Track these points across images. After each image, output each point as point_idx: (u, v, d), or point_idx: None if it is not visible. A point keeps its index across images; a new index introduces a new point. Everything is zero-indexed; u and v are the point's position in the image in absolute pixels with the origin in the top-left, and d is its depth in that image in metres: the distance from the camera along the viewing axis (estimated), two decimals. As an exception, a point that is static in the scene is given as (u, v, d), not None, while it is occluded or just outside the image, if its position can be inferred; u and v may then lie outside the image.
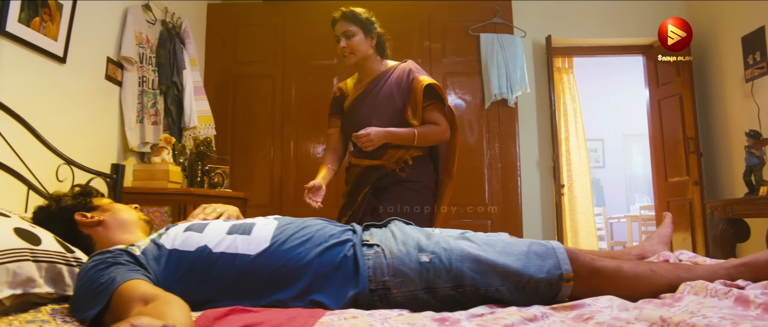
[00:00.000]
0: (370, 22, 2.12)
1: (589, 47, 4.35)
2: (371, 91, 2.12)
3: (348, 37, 2.07)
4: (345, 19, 2.09)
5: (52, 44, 2.16)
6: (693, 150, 3.87)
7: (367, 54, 2.11)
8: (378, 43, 2.15)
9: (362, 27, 2.09)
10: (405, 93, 2.08)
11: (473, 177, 3.70)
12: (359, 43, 2.08)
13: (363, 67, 2.15)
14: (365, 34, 2.10)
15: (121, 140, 2.69)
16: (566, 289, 1.19)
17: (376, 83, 2.12)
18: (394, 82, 2.10)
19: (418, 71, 2.13)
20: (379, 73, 2.15)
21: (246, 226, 1.31)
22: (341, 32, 2.08)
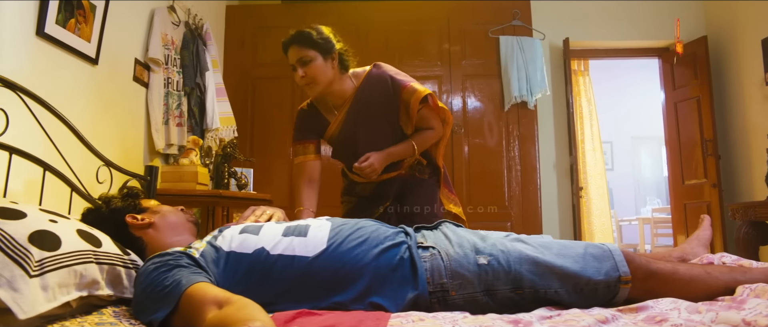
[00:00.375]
0: (328, 41, 1.80)
1: (606, 50, 4.35)
2: (358, 115, 1.89)
3: (304, 64, 1.77)
4: (298, 43, 1.78)
5: (85, 46, 2.16)
6: (711, 153, 3.87)
7: (331, 79, 1.83)
8: (340, 61, 1.85)
9: (320, 50, 1.77)
10: (393, 104, 1.87)
11: (493, 178, 3.71)
12: (319, 69, 1.78)
13: (331, 93, 1.87)
14: (324, 56, 1.79)
15: (147, 142, 2.69)
16: (624, 291, 1.18)
17: (357, 104, 1.88)
18: (377, 96, 1.88)
19: (397, 74, 1.90)
20: (352, 91, 1.89)
21: (301, 228, 1.30)
22: (296, 60, 1.78)
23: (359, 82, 1.89)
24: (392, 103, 1.86)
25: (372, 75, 1.90)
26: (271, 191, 3.51)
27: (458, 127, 3.77)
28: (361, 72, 1.92)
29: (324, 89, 1.83)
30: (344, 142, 1.94)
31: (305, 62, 1.76)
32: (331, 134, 1.95)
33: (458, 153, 3.76)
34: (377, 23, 3.91)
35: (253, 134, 3.79)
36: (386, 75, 1.89)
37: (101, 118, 2.28)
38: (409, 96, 1.83)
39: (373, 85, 1.88)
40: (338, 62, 1.83)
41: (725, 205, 3.77)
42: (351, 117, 1.89)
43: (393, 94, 1.86)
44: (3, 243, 0.97)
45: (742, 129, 3.84)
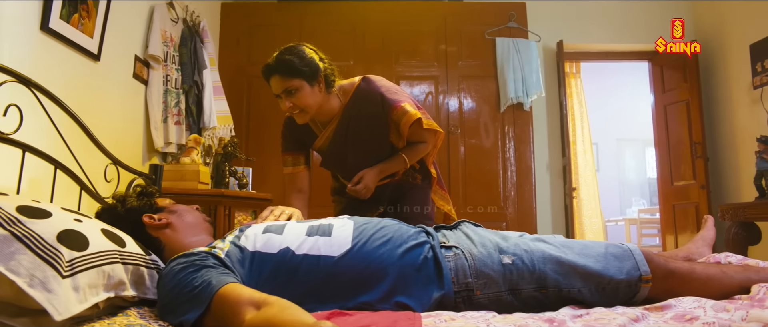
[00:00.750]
0: (312, 65, 1.67)
1: (598, 52, 4.42)
2: (346, 131, 1.82)
3: (290, 95, 1.65)
4: (280, 73, 1.64)
5: (88, 41, 2.12)
6: (700, 154, 3.95)
7: (320, 103, 1.72)
8: (326, 82, 1.73)
9: (305, 77, 1.65)
10: (383, 121, 1.80)
11: (489, 179, 3.73)
12: (306, 97, 1.66)
13: (319, 112, 1.77)
14: (311, 82, 1.66)
15: (146, 140, 2.65)
16: (644, 290, 1.20)
17: (346, 121, 1.81)
18: (366, 112, 1.81)
19: (388, 91, 1.82)
20: (339, 107, 1.81)
21: (324, 228, 1.30)
22: (281, 90, 1.66)
23: (347, 98, 1.81)
24: (382, 120, 1.80)
25: (361, 90, 1.81)
26: (267, 190, 3.47)
27: (454, 127, 3.79)
28: (348, 86, 1.83)
29: (314, 115, 1.75)
30: (334, 156, 1.90)
31: (291, 92, 1.64)
32: (319, 147, 1.89)
33: (454, 153, 3.78)
34: (374, 23, 3.91)
35: (249, 133, 3.76)
36: (376, 92, 1.80)
37: (102, 115, 2.24)
38: (399, 117, 1.77)
39: (361, 102, 1.80)
40: (324, 84, 1.72)
41: (714, 206, 3.86)
42: (340, 133, 1.82)
43: (383, 112, 1.79)
44: (33, 243, 0.95)
45: (730, 132, 3.93)
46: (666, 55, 4.27)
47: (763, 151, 3.28)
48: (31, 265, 0.91)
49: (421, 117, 1.79)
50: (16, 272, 0.89)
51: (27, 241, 0.95)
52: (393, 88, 1.85)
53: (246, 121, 3.78)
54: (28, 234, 0.96)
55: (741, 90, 3.81)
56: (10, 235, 0.94)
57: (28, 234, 0.96)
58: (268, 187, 3.55)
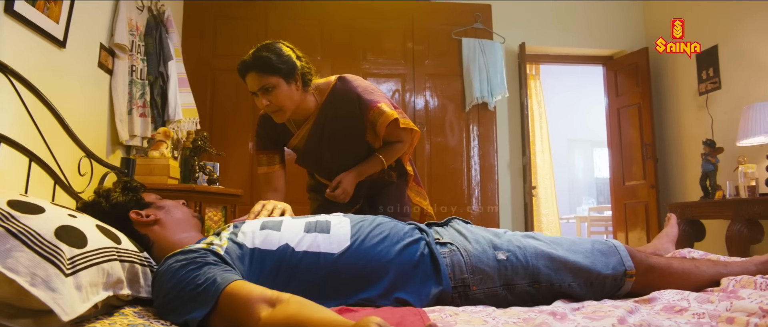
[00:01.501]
0: (289, 63, 1.64)
1: (557, 55, 4.58)
2: (322, 131, 1.81)
3: (267, 93, 1.62)
4: (257, 70, 1.61)
5: (54, 27, 2.01)
6: (650, 156, 4.17)
7: (297, 101, 1.70)
8: (303, 81, 1.71)
9: (282, 74, 1.62)
10: (360, 122, 1.80)
11: (454, 177, 3.80)
12: (284, 95, 1.63)
13: (295, 111, 1.75)
14: (288, 80, 1.64)
15: (110, 132, 2.53)
16: (628, 284, 1.27)
17: (322, 121, 1.80)
18: (342, 112, 1.80)
19: (365, 91, 1.80)
20: (315, 107, 1.79)
21: (322, 224, 1.29)
22: (258, 88, 1.62)
23: (323, 97, 1.79)
24: (357, 120, 1.79)
25: (337, 90, 1.80)
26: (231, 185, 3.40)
27: (421, 125, 3.83)
28: (324, 85, 1.81)
29: (291, 114, 1.71)
30: (309, 155, 1.88)
31: (268, 90, 1.61)
32: (294, 145, 1.88)
33: (420, 151, 3.82)
34: (341, 19, 3.89)
35: (213, 127, 3.66)
36: (353, 92, 1.79)
37: (66, 104, 2.11)
38: (375, 118, 1.77)
39: (337, 101, 1.79)
40: (301, 83, 1.70)
41: (662, 205, 4.09)
42: (315, 133, 1.81)
43: (359, 113, 1.78)
44: (31, 240, 0.89)
45: (678, 135, 4.17)
46: (619, 61, 4.48)
47: (708, 154, 3.51)
48: (30, 263, 0.86)
49: (397, 117, 1.79)
50: (15, 270, 0.84)
51: (24, 237, 0.89)
52: (369, 88, 1.84)
53: (210, 114, 3.68)
54: (24, 230, 0.90)
55: (688, 96, 4.04)
56: (5, 232, 0.88)
57: (25, 230, 0.90)
58: (231, 182, 3.48)
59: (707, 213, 3.46)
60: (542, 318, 1.04)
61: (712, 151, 3.50)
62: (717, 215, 3.41)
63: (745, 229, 3.04)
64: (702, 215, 3.49)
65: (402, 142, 1.90)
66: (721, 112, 3.70)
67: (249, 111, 3.71)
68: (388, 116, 1.76)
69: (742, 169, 3.23)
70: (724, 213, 3.26)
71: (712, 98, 3.78)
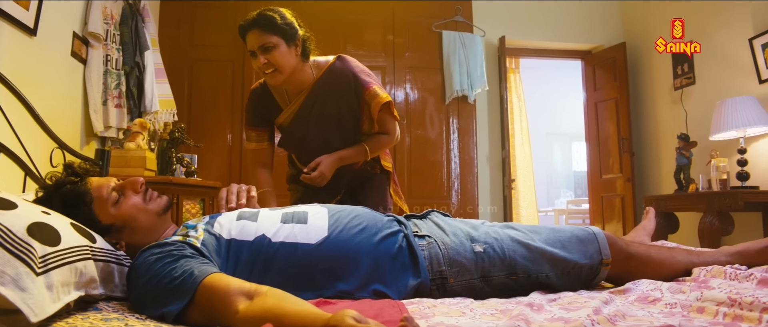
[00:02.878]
0: (291, 26, 1.67)
1: (536, 49, 4.61)
2: (312, 106, 1.80)
3: (267, 51, 1.63)
4: (260, 28, 1.63)
5: (23, 13, 1.95)
6: (626, 149, 4.24)
7: (294, 67, 1.70)
8: (303, 49, 1.73)
9: (284, 35, 1.64)
10: (353, 103, 1.80)
11: (433, 169, 3.81)
12: (283, 56, 1.65)
13: (289, 81, 1.74)
14: (288, 43, 1.66)
15: (84, 123, 2.48)
16: (604, 272, 1.30)
17: (314, 96, 1.79)
18: (337, 90, 1.80)
19: (361, 72, 1.82)
20: (311, 81, 1.78)
21: (299, 215, 1.28)
22: (258, 46, 1.63)
23: (320, 73, 1.78)
24: (351, 100, 1.80)
25: (335, 67, 1.80)
26: (210, 176, 3.37)
27: (401, 118, 3.83)
28: (322, 62, 1.82)
29: (286, 78, 1.71)
30: (294, 133, 1.87)
31: (267, 49, 1.62)
32: (281, 122, 1.86)
33: (400, 144, 3.82)
34: (322, 10, 3.86)
35: (191, 118, 3.60)
36: (350, 71, 1.80)
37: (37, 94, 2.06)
38: (370, 99, 1.78)
39: (334, 79, 1.79)
40: (301, 49, 1.71)
41: (638, 198, 4.17)
42: (305, 108, 1.80)
43: (354, 92, 1.79)
44: (2, 237, 0.86)
45: (654, 129, 4.24)
46: (597, 55, 4.54)
47: (682, 148, 3.58)
48: (0, 261, 0.83)
49: (390, 101, 1.80)
50: None
51: None
52: (366, 71, 1.85)
53: (188, 105, 3.62)
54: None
55: (663, 90, 4.12)
56: None
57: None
58: (211, 174, 3.44)
59: (681, 205, 3.53)
60: (519, 309, 1.06)
61: (687, 145, 3.57)
62: (690, 208, 3.48)
63: (716, 221, 3.12)
64: (676, 208, 3.56)
65: (389, 134, 1.89)
66: (695, 107, 3.77)
67: (227, 102, 3.67)
68: (381, 98, 1.77)
69: (714, 163, 3.31)
70: (697, 205, 3.33)
71: (687, 93, 3.85)
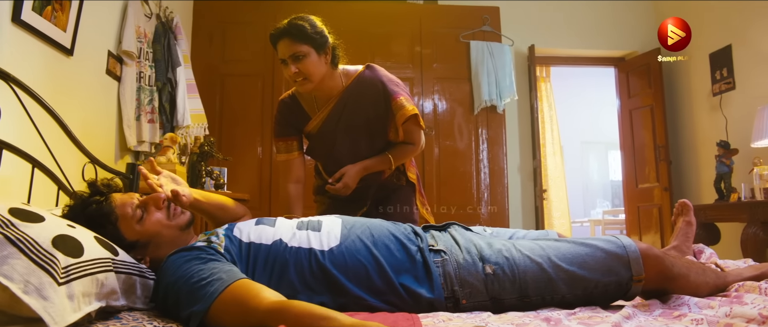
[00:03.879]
0: (322, 35, 1.70)
1: (567, 57, 4.54)
2: (341, 114, 1.81)
3: (298, 60, 1.65)
4: (291, 37, 1.66)
5: (61, 35, 2.04)
6: (663, 158, 4.11)
7: (324, 75, 1.73)
8: (333, 56, 1.75)
9: (314, 44, 1.67)
10: (382, 111, 1.80)
11: (463, 180, 3.78)
12: (313, 65, 1.67)
13: (318, 89, 1.77)
14: (318, 51, 1.69)
15: (119, 138, 2.57)
16: (636, 289, 1.20)
17: (343, 104, 1.80)
18: (365, 98, 1.80)
19: (390, 81, 1.82)
20: (340, 89, 1.80)
21: (313, 223, 1.30)
22: (289, 55, 1.66)
23: (349, 81, 1.80)
24: (380, 108, 1.80)
25: (364, 76, 1.82)
26: (240, 190, 3.43)
27: (429, 129, 3.82)
28: (352, 71, 1.84)
29: (316, 86, 1.73)
30: (322, 141, 1.88)
31: (298, 58, 1.65)
32: (309, 130, 1.88)
33: (429, 155, 3.81)
34: (349, 23, 3.88)
35: (222, 132, 3.69)
36: (378, 79, 1.81)
37: (74, 111, 2.16)
38: (397, 109, 1.77)
39: (362, 87, 1.80)
40: (331, 57, 1.74)
41: (676, 208, 4.02)
42: (334, 116, 1.81)
43: (383, 101, 1.78)
44: (28, 247, 0.90)
45: (692, 136, 4.10)
46: (631, 62, 4.42)
47: (722, 156, 3.44)
48: (25, 271, 0.87)
49: (417, 113, 1.79)
50: (10, 277, 0.85)
51: (21, 245, 0.90)
52: (395, 80, 1.85)
53: (219, 119, 3.71)
54: (22, 237, 0.91)
55: (701, 97, 3.98)
56: (4, 239, 0.89)
57: (23, 237, 0.91)
58: (240, 187, 3.50)
59: (722, 216, 3.39)
60: (536, 324, 1.03)
61: (727, 152, 3.43)
62: (732, 218, 3.33)
63: (760, 232, 2.97)
64: (716, 218, 3.42)
65: (414, 145, 1.89)
66: (736, 113, 3.63)
67: (257, 115, 3.74)
68: (408, 111, 1.76)
69: (757, 171, 3.16)
70: (740, 216, 3.19)
71: (726, 99, 3.71)
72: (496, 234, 1.50)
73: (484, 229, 1.54)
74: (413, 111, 1.78)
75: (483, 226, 1.57)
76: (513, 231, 1.54)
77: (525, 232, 1.53)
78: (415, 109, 1.80)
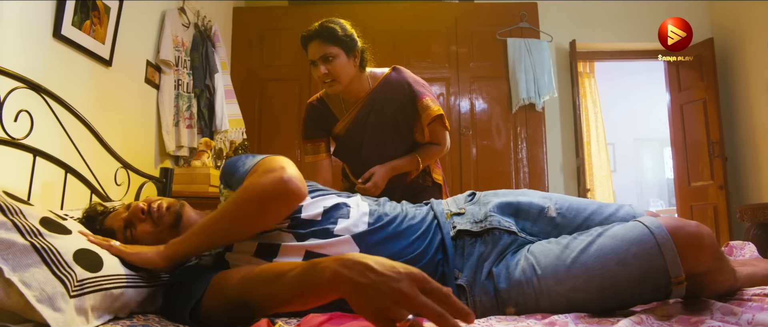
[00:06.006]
0: (352, 38, 1.76)
1: (612, 51, 4.36)
2: (368, 116, 1.84)
3: (327, 62, 1.71)
4: (322, 39, 1.72)
5: (99, 47, 2.16)
6: (718, 154, 3.88)
7: (352, 77, 1.77)
8: (361, 59, 1.80)
9: (344, 46, 1.72)
10: (408, 113, 1.83)
11: (501, 180, 3.70)
12: (343, 67, 1.72)
13: (346, 91, 1.81)
14: (348, 54, 1.74)
15: (158, 144, 2.68)
16: (679, 291, 1.05)
17: (370, 105, 1.83)
18: (392, 100, 1.83)
19: (416, 82, 1.85)
20: (367, 91, 1.84)
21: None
22: (319, 57, 1.71)
23: (376, 83, 1.84)
24: (407, 109, 1.83)
25: (391, 78, 1.85)
26: (279, 193, 3.51)
27: (466, 129, 3.77)
28: (379, 73, 1.88)
29: (345, 88, 1.77)
30: (349, 142, 1.91)
31: (328, 59, 1.70)
32: (337, 132, 1.91)
33: (466, 155, 3.76)
34: (384, 25, 3.91)
35: (261, 136, 3.78)
36: (405, 81, 1.84)
37: (113, 119, 2.28)
38: (422, 110, 1.81)
39: (389, 89, 1.83)
40: (359, 60, 1.79)
41: (732, 207, 3.78)
42: (361, 117, 1.85)
43: (409, 102, 1.82)
44: (50, 257, 0.95)
45: (749, 131, 3.85)
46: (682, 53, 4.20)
47: (782, 151, 3.21)
48: (43, 280, 0.90)
49: (442, 114, 1.83)
50: (28, 285, 0.89)
51: (44, 254, 0.94)
52: (421, 81, 1.88)
53: (258, 124, 3.81)
54: (47, 247, 0.95)
55: (760, 88, 3.72)
56: (30, 246, 0.93)
57: (47, 247, 0.95)
58: (279, 190, 3.57)
59: (783, 216, 3.16)
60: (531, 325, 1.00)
61: (787, 147, 3.20)
62: (794, 218, 3.10)
63: (824, 233, 2.76)
64: (776, 218, 3.19)
65: (440, 145, 1.92)
66: (797, 105, 3.38)
67: (296, 118, 3.81)
68: (433, 111, 1.80)
69: (820, 167, 2.93)
70: (802, 215, 2.96)
71: (787, 90, 3.46)
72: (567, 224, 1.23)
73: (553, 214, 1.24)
74: (439, 111, 1.82)
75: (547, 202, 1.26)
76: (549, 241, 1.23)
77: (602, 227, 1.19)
78: (440, 109, 1.83)
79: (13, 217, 0.94)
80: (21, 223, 0.95)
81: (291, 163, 1.14)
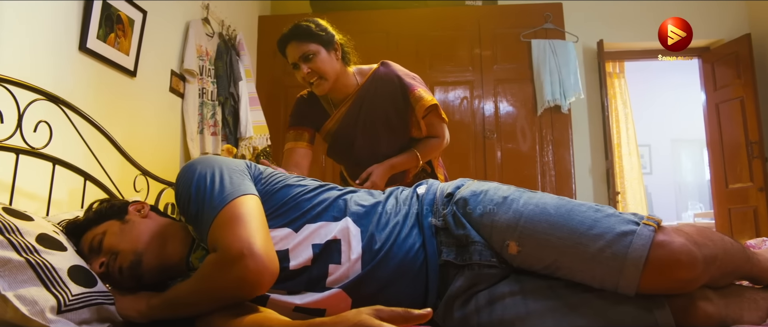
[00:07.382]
0: (327, 32, 1.74)
1: (642, 51, 4.24)
2: (359, 112, 1.79)
3: (308, 60, 1.68)
4: (297, 39, 1.70)
5: (124, 59, 2.24)
6: (757, 155, 3.72)
7: (338, 72, 1.75)
8: (343, 53, 1.78)
9: (321, 41, 1.70)
10: (400, 106, 1.79)
11: (527, 184, 3.60)
12: (324, 62, 1.70)
13: (335, 88, 1.78)
14: (327, 48, 1.72)
15: (183, 151, 2.75)
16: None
17: (360, 101, 1.79)
18: (383, 95, 1.79)
19: (405, 75, 1.82)
20: (356, 87, 1.81)
21: None
22: (299, 57, 1.69)
23: (364, 79, 1.81)
24: (398, 103, 1.78)
25: (379, 73, 1.82)
26: (303, 198, 3.54)
27: (490, 132, 3.73)
28: (366, 69, 1.85)
29: (332, 85, 1.74)
30: (341, 141, 1.86)
31: (308, 58, 1.68)
32: (328, 129, 1.86)
33: (491, 158, 3.72)
34: (407, 29, 3.91)
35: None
36: (394, 74, 1.81)
37: (139, 128, 2.35)
38: (415, 102, 1.77)
39: (378, 84, 1.80)
40: (340, 53, 1.76)
41: (774, 210, 3.62)
42: (351, 115, 1.80)
43: (400, 95, 1.78)
44: (46, 274, 0.97)
45: (790, 130, 3.67)
46: (716, 51, 4.06)
47: (825, 151, 3.05)
48: (38, 295, 0.93)
49: (437, 104, 1.79)
50: (23, 300, 0.92)
51: (40, 270, 0.96)
52: (411, 74, 1.85)
53: (283, 131, 3.85)
54: (42, 263, 0.98)
55: (801, 85, 3.55)
56: (26, 263, 0.95)
57: (43, 264, 0.98)
58: (304, 195, 3.61)
59: (826, 219, 3.01)
60: None
61: (830, 147, 3.05)
62: (839, 221, 2.95)
63: None
64: (819, 221, 3.04)
65: (438, 138, 1.86)
66: (841, 102, 3.20)
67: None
68: (426, 101, 1.75)
69: None
70: None
71: (830, 87, 3.29)
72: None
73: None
74: (432, 101, 1.77)
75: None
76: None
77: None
78: (434, 100, 1.78)
79: (9, 235, 0.98)
80: (17, 241, 0.98)
81: (257, 222, 0.97)
